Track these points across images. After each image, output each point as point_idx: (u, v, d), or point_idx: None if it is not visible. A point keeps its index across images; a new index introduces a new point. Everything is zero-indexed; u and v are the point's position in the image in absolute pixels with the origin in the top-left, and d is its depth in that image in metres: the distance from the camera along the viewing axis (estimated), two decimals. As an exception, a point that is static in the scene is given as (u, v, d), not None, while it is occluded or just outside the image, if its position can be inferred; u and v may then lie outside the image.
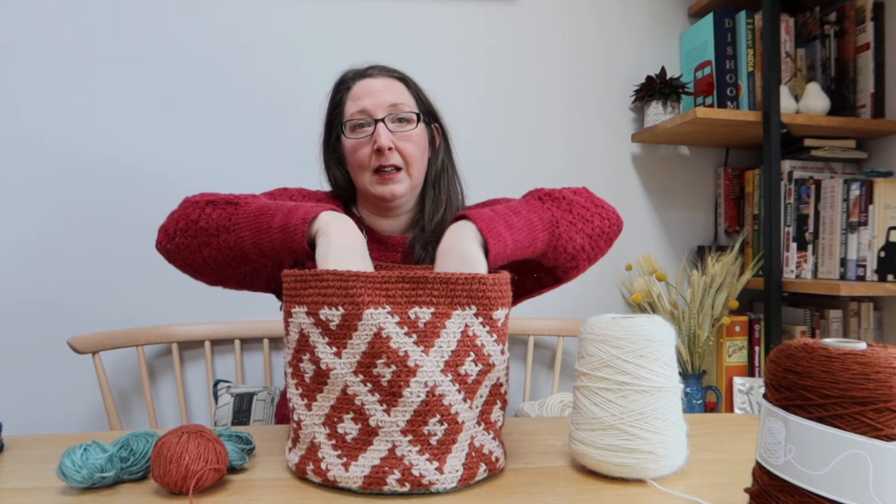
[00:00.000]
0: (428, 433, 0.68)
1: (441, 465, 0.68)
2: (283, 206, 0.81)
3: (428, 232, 1.04)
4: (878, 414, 0.48)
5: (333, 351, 0.69)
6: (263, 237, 0.80)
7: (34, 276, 1.57)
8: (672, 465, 0.71)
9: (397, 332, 0.67)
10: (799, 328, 1.67)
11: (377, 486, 0.67)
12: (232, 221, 0.83)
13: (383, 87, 1.01)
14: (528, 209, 0.85)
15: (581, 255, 0.90)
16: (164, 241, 0.88)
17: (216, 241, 0.84)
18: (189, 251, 0.86)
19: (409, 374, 0.67)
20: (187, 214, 0.86)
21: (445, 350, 0.68)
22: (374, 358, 0.67)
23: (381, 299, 0.68)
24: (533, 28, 1.78)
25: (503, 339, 0.73)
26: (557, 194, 0.90)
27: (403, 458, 0.67)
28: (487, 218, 0.78)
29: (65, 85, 1.58)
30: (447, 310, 0.69)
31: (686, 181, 1.86)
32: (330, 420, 0.70)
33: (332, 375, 0.69)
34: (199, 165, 1.63)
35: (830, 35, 1.69)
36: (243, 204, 0.84)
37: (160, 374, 1.64)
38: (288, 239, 0.78)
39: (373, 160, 1.00)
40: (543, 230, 0.84)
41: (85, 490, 0.69)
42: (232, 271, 0.89)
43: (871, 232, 1.50)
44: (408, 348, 0.67)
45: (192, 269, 0.89)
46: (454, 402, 0.68)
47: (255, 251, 0.82)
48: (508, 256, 0.79)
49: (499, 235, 0.77)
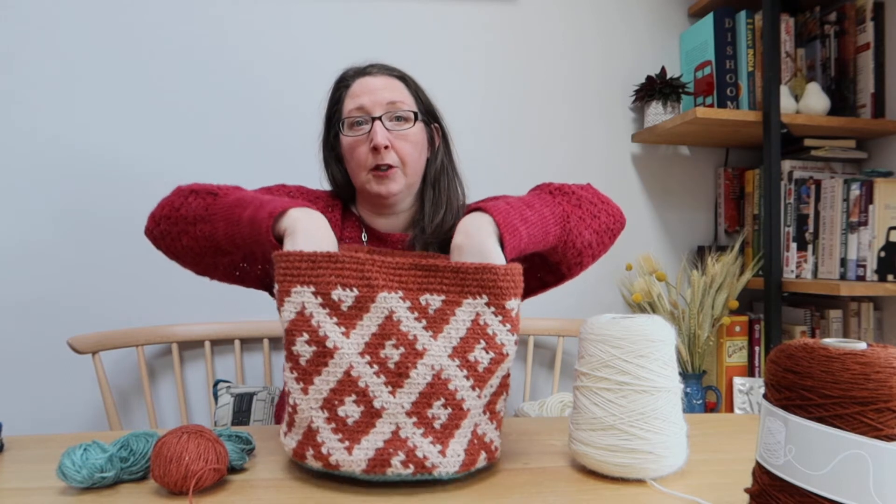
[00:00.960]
0: (432, 416, 0.69)
1: (444, 449, 0.69)
2: (257, 199, 0.82)
3: (428, 233, 1.03)
4: (878, 414, 0.48)
5: (342, 331, 0.70)
6: (234, 229, 0.82)
7: (34, 276, 1.57)
8: (672, 465, 0.71)
9: (408, 316, 0.70)
10: (799, 328, 1.67)
11: (381, 469, 0.67)
12: (209, 212, 0.85)
13: (382, 85, 1.01)
14: (540, 203, 0.85)
15: (587, 251, 0.90)
16: (150, 227, 0.91)
17: (193, 230, 0.86)
18: (171, 238, 0.89)
19: (417, 357, 0.69)
20: (171, 202, 0.89)
21: (454, 337, 0.70)
22: (384, 339, 0.69)
23: (395, 284, 0.70)
24: (533, 28, 1.78)
25: (516, 329, 0.73)
26: (567, 189, 0.91)
27: (407, 440, 0.68)
28: (503, 211, 0.78)
29: (64, 85, 1.58)
30: (458, 298, 0.71)
31: (686, 181, 1.86)
32: (329, 403, 0.70)
33: (336, 356, 0.69)
34: (199, 165, 1.63)
35: (830, 35, 1.69)
36: (222, 195, 0.86)
37: (160, 374, 1.64)
38: (255, 232, 0.79)
39: (369, 158, 1.00)
40: (555, 224, 0.84)
41: (85, 490, 0.69)
42: (210, 261, 0.91)
43: (871, 232, 1.50)
44: (417, 332, 0.69)
45: (174, 255, 0.92)
46: (460, 387, 0.69)
47: (227, 242, 0.84)
48: (522, 250, 0.79)
49: (514, 229, 0.77)
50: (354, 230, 1.08)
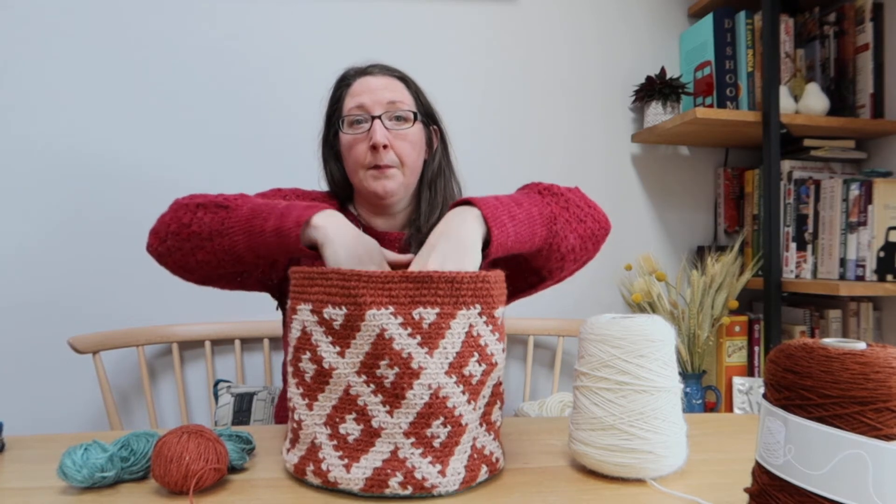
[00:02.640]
0: (431, 435, 0.66)
1: (444, 468, 0.67)
2: (274, 207, 0.82)
3: (424, 233, 1.04)
4: (878, 414, 0.48)
5: (337, 350, 0.68)
6: (258, 240, 0.81)
7: (34, 276, 1.57)
8: (672, 464, 0.71)
9: (400, 333, 0.66)
10: (798, 328, 1.68)
11: (379, 489, 0.66)
12: (225, 226, 0.84)
13: (383, 84, 1.01)
14: (529, 202, 0.84)
15: (569, 256, 0.89)
16: (155, 244, 0.89)
17: (210, 245, 0.85)
18: (182, 254, 0.87)
19: (413, 377, 0.66)
20: (178, 218, 0.87)
21: (450, 351, 0.67)
22: (378, 359, 0.66)
23: (384, 300, 0.66)
24: (533, 28, 1.78)
25: (503, 336, 0.73)
26: (556, 190, 0.90)
27: (406, 460, 0.66)
28: (492, 205, 0.77)
29: (64, 86, 1.58)
30: (452, 310, 0.67)
31: (686, 181, 1.87)
32: (332, 420, 0.69)
33: (334, 375, 0.68)
34: (199, 165, 1.63)
35: (830, 35, 1.69)
36: (234, 207, 0.85)
37: (160, 374, 1.64)
38: (282, 242, 0.78)
39: (368, 157, 1.00)
40: (543, 226, 0.83)
41: (85, 490, 0.69)
42: (225, 272, 0.90)
43: (870, 232, 1.50)
44: (411, 350, 0.66)
45: (184, 270, 0.90)
46: (458, 404, 0.67)
47: (249, 254, 0.83)
48: (508, 248, 0.78)
49: (502, 225, 0.76)
50: None
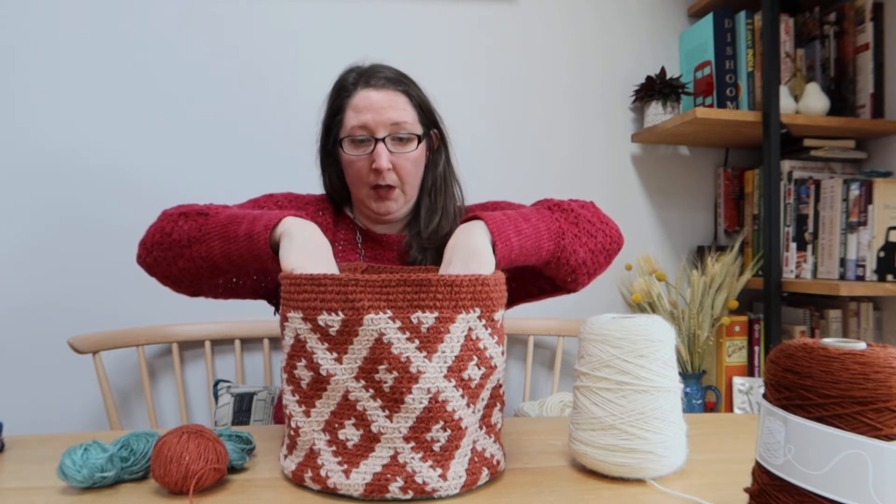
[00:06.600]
0: (431, 440, 0.66)
1: (444, 472, 0.67)
2: (249, 214, 0.83)
3: (424, 238, 1.04)
4: (878, 414, 0.48)
5: (334, 357, 0.67)
6: (231, 246, 0.82)
7: (34, 276, 1.57)
8: (672, 464, 0.71)
9: (399, 337, 0.65)
10: (798, 328, 1.68)
11: (379, 494, 0.66)
12: (202, 232, 0.85)
13: (386, 102, 1.00)
14: (537, 217, 0.86)
15: (581, 269, 0.90)
16: (143, 255, 0.91)
17: (188, 252, 0.86)
18: (166, 263, 0.88)
19: (412, 381, 0.65)
20: (162, 227, 0.88)
21: (449, 356, 0.66)
22: (376, 364, 0.66)
23: (382, 304, 0.65)
24: (533, 28, 1.78)
25: (503, 339, 0.73)
26: (566, 206, 0.91)
27: (406, 465, 0.66)
28: (498, 220, 0.79)
29: (64, 87, 1.58)
30: (451, 314, 0.66)
31: (686, 181, 1.87)
32: (330, 426, 0.69)
33: (332, 381, 0.68)
34: (198, 167, 1.63)
35: (830, 35, 1.69)
36: (213, 214, 0.86)
37: (160, 374, 1.64)
38: (253, 246, 0.79)
39: (370, 176, 1.01)
40: (549, 240, 0.85)
41: (85, 490, 0.69)
42: (206, 282, 0.91)
43: (870, 232, 1.50)
44: (410, 354, 0.65)
45: (170, 281, 0.91)
46: (458, 407, 0.67)
47: (224, 261, 0.84)
48: (512, 261, 0.80)
49: (507, 238, 0.78)
50: (349, 232, 1.08)
